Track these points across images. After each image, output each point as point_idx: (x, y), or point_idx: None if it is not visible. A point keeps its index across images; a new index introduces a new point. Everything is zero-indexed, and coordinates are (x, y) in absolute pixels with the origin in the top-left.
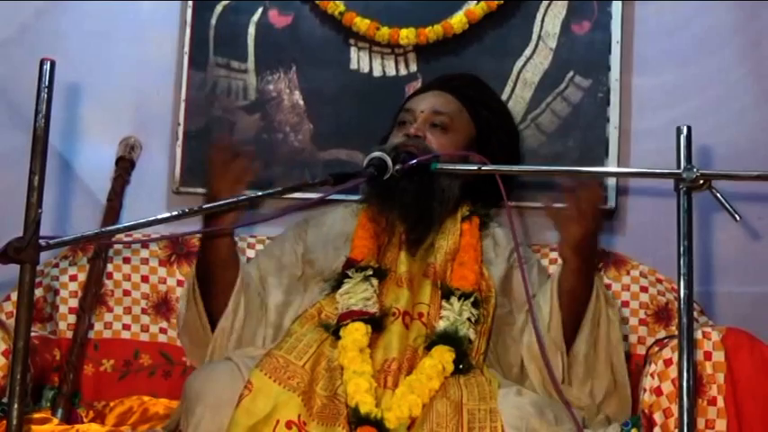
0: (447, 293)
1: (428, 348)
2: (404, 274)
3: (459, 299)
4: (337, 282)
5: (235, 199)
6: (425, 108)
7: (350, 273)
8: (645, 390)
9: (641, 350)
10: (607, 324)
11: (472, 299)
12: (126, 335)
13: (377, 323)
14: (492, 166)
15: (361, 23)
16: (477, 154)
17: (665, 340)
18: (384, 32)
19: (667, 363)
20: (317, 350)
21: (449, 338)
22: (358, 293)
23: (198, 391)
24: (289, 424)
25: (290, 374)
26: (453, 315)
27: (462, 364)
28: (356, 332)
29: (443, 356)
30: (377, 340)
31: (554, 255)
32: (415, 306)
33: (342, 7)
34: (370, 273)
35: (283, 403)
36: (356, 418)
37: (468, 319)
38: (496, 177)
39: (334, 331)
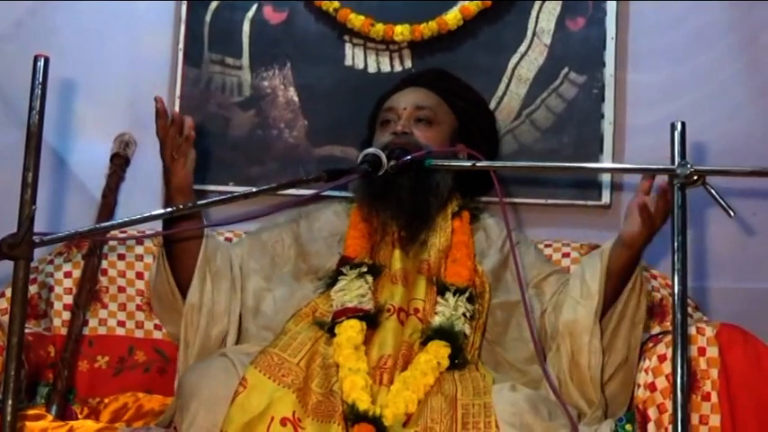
0: (442, 289)
1: (424, 343)
2: (398, 271)
3: (454, 294)
4: (331, 279)
5: (229, 196)
6: (407, 104)
7: (344, 270)
8: (639, 385)
9: None
10: (636, 306)
11: (467, 294)
12: (121, 331)
13: (372, 320)
14: (486, 162)
15: (356, 20)
16: (464, 145)
17: (660, 336)
18: (379, 29)
19: (661, 358)
20: (312, 348)
21: (444, 333)
22: (353, 290)
23: (193, 387)
24: (283, 421)
25: (284, 372)
26: (449, 310)
27: (458, 359)
28: (351, 329)
29: (439, 352)
30: (372, 337)
31: (548, 251)
32: (410, 302)
33: (336, 4)
34: (365, 270)
35: (278, 400)
36: (353, 415)
37: (464, 314)
38: (492, 174)
39: (329, 329)
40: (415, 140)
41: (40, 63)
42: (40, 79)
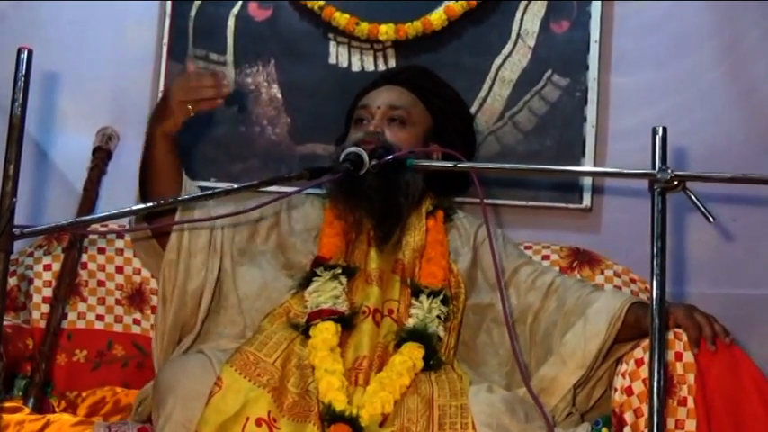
0: (416, 291)
1: (398, 345)
2: (373, 271)
3: (428, 296)
4: (305, 280)
5: (210, 192)
6: (381, 104)
7: (318, 271)
8: (616, 389)
9: None
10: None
11: (441, 296)
12: (99, 325)
13: (347, 321)
14: (468, 163)
15: (341, 18)
16: (439, 145)
17: (637, 340)
18: (363, 28)
19: (638, 363)
20: (288, 348)
21: (418, 335)
22: (327, 292)
23: (169, 383)
24: (258, 421)
25: (260, 371)
26: (422, 312)
27: (432, 361)
28: (326, 331)
29: (413, 353)
30: (347, 338)
31: (528, 253)
32: (385, 303)
33: (321, 2)
34: (339, 271)
35: (253, 400)
36: (330, 415)
37: (438, 316)
38: (472, 175)
39: (303, 330)
40: (384, 140)
41: (24, 56)
42: (23, 72)
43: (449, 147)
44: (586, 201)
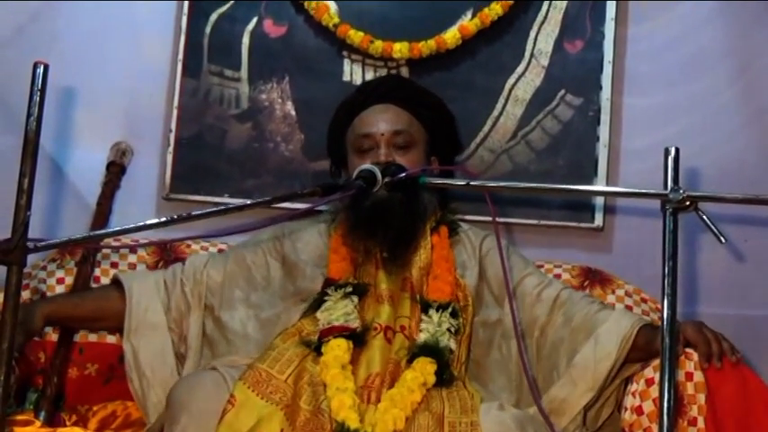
0: (425, 306)
1: (410, 361)
2: (384, 291)
3: (437, 311)
4: (317, 302)
5: (223, 208)
6: (384, 130)
7: (329, 291)
8: (626, 409)
9: None
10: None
11: (450, 309)
12: (111, 339)
13: (358, 339)
14: (480, 181)
15: (355, 36)
16: (437, 157)
17: (648, 360)
18: (377, 45)
19: (649, 382)
20: (300, 365)
21: (430, 350)
22: (338, 309)
23: (183, 400)
24: None
25: (272, 389)
26: (433, 327)
27: (445, 375)
28: (337, 348)
29: (425, 368)
30: (359, 356)
31: None
32: (396, 320)
33: (336, 19)
34: (350, 290)
35: (267, 418)
36: None
37: (449, 329)
38: (486, 196)
39: (315, 347)
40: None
41: (40, 70)
42: (39, 86)
43: (443, 153)
44: (598, 220)
